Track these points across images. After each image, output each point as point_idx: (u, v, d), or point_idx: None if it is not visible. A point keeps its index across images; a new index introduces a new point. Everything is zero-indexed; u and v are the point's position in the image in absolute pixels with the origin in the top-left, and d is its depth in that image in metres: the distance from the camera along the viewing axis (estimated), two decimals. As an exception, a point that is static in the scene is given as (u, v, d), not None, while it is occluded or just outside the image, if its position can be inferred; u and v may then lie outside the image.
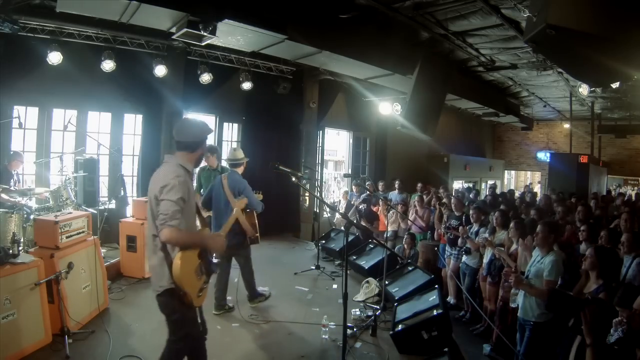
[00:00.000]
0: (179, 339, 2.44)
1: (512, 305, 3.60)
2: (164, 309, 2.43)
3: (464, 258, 5.02)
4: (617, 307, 2.37)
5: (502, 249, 4.23)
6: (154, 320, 3.97)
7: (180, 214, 2.29)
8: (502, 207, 5.62)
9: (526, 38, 3.33)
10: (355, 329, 3.94)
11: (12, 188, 4.87)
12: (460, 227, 5.08)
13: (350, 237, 6.16)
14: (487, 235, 4.61)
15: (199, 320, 2.56)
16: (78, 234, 3.84)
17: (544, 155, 14.93)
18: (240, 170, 4.42)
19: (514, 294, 3.55)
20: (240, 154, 4.45)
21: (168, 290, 2.34)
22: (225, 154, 8.15)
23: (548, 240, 3.34)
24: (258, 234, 4.33)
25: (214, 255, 2.70)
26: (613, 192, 11.37)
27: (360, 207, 7.44)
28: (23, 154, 5.45)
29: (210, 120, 8.10)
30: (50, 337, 3.31)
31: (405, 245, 6.16)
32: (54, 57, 5.60)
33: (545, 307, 3.07)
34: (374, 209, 7.26)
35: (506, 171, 16.30)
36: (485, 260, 4.52)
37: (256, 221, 4.34)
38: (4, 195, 4.58)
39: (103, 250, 4.97)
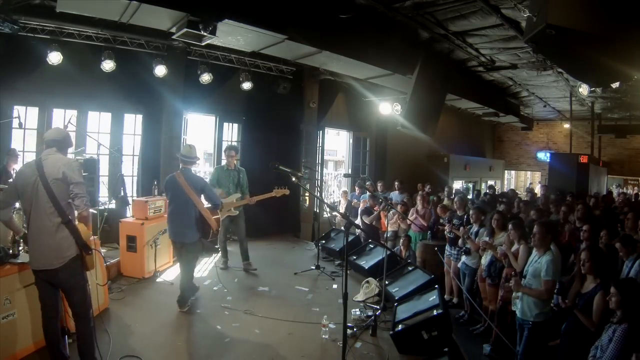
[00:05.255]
0: (87, 309, 2.84)
1: (514, 308, 3.61)
2: (72, 278, 2.77)
3: (463, 258, 5.02)
4: None
5: (503, 248, 4.23)
6: (154, 320, 3.99)
7: None
8: (501, 207, 5.62)
9: (526, 38, 3.33)
10: (355, 329, 3.94)
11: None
12: (461, 228, 5.07)
13: (350, 237, 6.18)
14: (486, 237, 4.61)
15: None
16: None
17: (544, 155, 14.93)
18: (195, 167, 4.61)
19: (515, 297, 3.56)
20: (195, 152, 4.46)
21: (73, 257, 2.74)
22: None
23: (545, 241, 3.36)
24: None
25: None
26: (614, 193, 11.38)
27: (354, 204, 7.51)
28: (16, 150, 5.49)
29: (210, 120, 8.12)
30: (50, 337, 3.31)
31: (402, 247, 6.16)
32: (54, 57, 5.60)
33: None
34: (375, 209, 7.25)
35: (506, 171, 16.30)
36: (484, 261, 4.52)
37: (219, 216, 4.68)
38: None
39: (103, 250, 4.97)
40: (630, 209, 5.76)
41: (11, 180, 5.09)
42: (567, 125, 13.70)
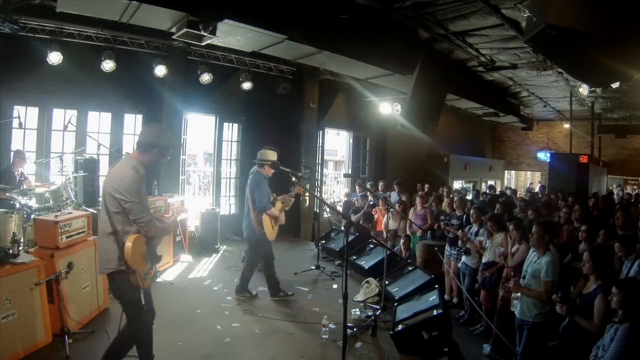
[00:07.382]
0: (134, 318, 2.71)
1: (513, 309, 3.62)
2: (115, 290, 2.69)
3: (463, 258, 5.01)
4: None
5: (502, 249, 4.23)
6: (153, 321, 3.98)
7: None
8: (497, 207, 5.61)
9: (526, 38, 3.34)
10: (355, 329, 3.94)
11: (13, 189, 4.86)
12: (460, 230, 5.07)
13: (350, 237, 6.17)
14: (482, 237, 4.61)
15: (143, 302, 2.80)
16: (78, 234, 3.83)
17: (544, 155, 14.93)
18: (263, 170, 4.60)
19: (514, 298, 3.56)
20: (267, 156, 4.58)
21: (115, 271, 2.59)
22: (225, 154, 8.21)
23: (543, 241, 3.37)
24: (264, 231, 4.60)
25: None
26: (615, 193, 11.36)
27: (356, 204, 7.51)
28: (24, 152, 5.47)
29: (210, 120, 8.12)
30: (50, 337, 3.31)
31: (402, 247, 6.16)
32: (54, 57, 5.60)
33: None
34: (373, 211, 7.26)
35: (506, 171, 16.30)
36: (484, 260, 4.52)
37: (262, 218, 4.60)
38: (7, 194, 4.59)
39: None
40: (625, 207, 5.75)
41: (15, 182, 5.09)
42: (567, 125, 13.70)
